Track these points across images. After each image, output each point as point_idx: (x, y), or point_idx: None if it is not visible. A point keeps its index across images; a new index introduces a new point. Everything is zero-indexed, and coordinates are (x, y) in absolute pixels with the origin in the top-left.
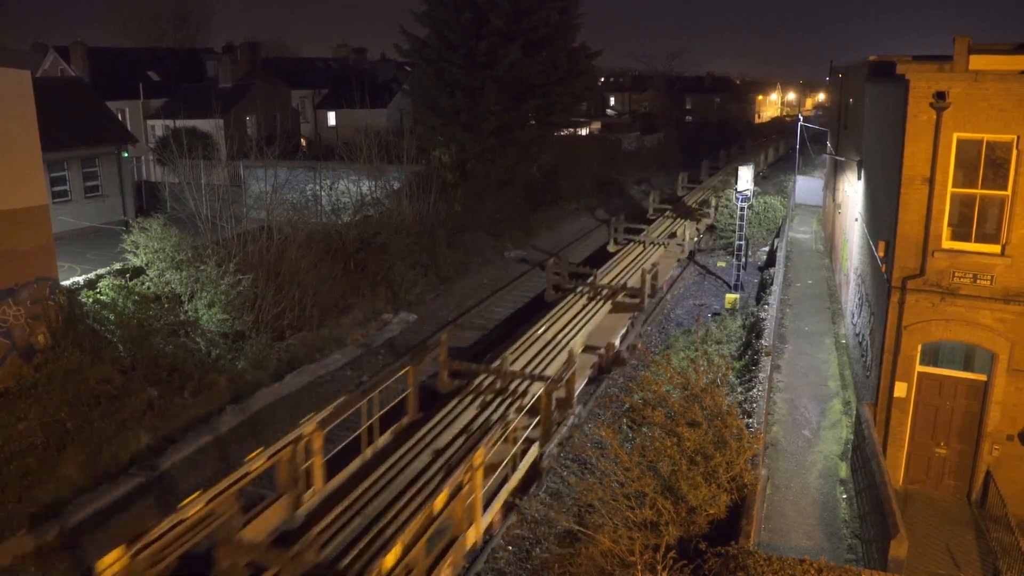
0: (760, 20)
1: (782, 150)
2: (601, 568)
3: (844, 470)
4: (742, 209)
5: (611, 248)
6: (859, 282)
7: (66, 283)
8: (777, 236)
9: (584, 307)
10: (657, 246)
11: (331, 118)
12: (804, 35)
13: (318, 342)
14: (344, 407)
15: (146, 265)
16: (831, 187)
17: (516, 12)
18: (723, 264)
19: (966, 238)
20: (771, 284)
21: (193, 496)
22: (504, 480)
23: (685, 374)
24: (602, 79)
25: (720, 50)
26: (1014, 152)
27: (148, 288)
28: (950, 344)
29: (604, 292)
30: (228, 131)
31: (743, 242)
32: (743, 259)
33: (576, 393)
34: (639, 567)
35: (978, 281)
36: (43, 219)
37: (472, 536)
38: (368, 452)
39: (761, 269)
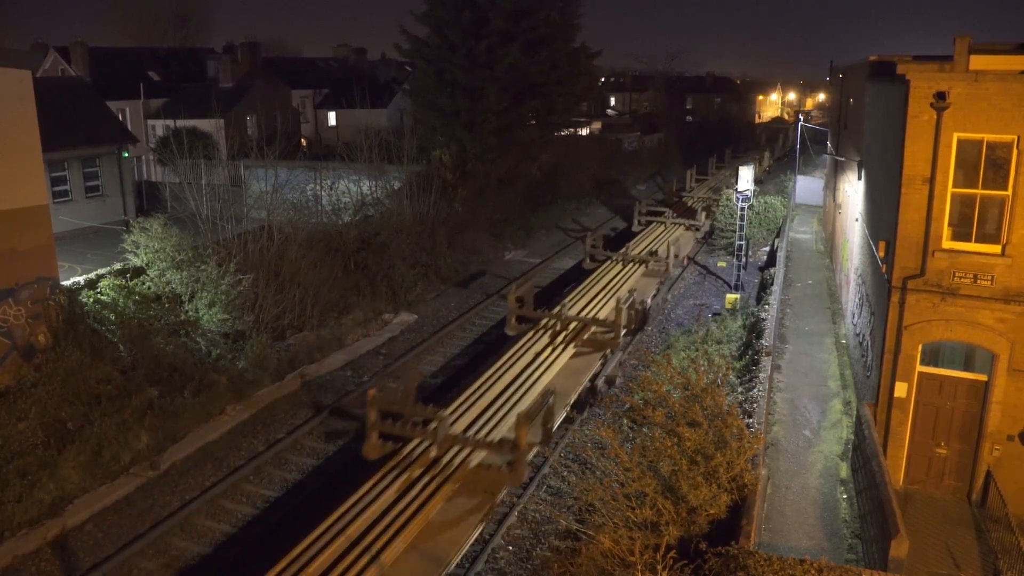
0: (760, 20)
1: (767, 163)
2: (601, 568)
3: (844, 470)
4: (742, 209)
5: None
6: (859, 282)
7: (66, 283)
8: (777, 236)
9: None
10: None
11: (331, 118)
12: (804, 35)
13: (318, 342)
14: None
15: (146, 265)
16: (831, 187)
17: (516, 12)
18: (723, 264)
19: (966, 238)
20: (771, 284)
21: None
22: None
23: (685, 374)
24: (602, 79)
25: (720, 50)
26: (1014, 152)
27: (149, 288)
28: (950, 344)
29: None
30: (228, 131)
31: (743, 242)
32: (743, 259)
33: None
34: (639, 567)
35: (978, 281)
36: (43, 219)
37: None
38: None
39: (761, 269)
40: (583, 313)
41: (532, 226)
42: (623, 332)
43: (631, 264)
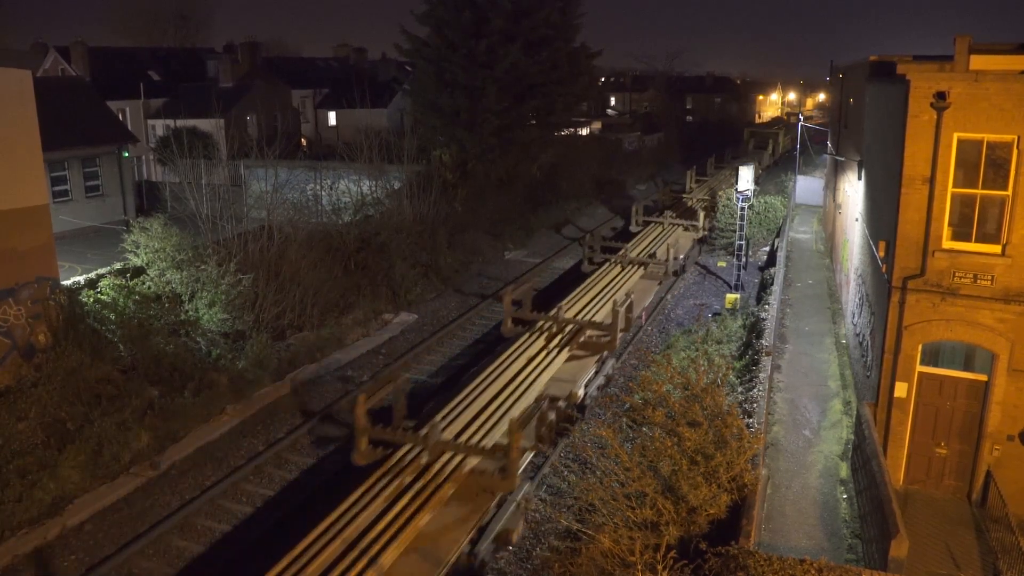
0: (760, 20)
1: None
2: (602, 568)
3: (844, 470)
4: (742, 209)
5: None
6: (859, 282)
7: (67, 283)
8: (777, 236)
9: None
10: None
11: (332, 118)
12: (804, 35)
13: (318, 342)
14: None
15: (147, 265)
16: (831, 187)
17: (516, 12)
18: (723, 264)
19: (966, 238)
20: (771, 284)
21: None
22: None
23: (685, 374)
24: (602, 79)
25: (720, 50)
26: (1014, 152)
27: (149, 288)
28: (950, 344)
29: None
30: (228, 131)
31: (743, 242)
32: (743, 259)
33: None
34: (639, 567)
35: (978, 281)
36: (43, 219)
37: None
38: None
39: (761, 269)
40: (468, 434)
41: (532, 226)
42: (527, 458)
43: (564, 333)
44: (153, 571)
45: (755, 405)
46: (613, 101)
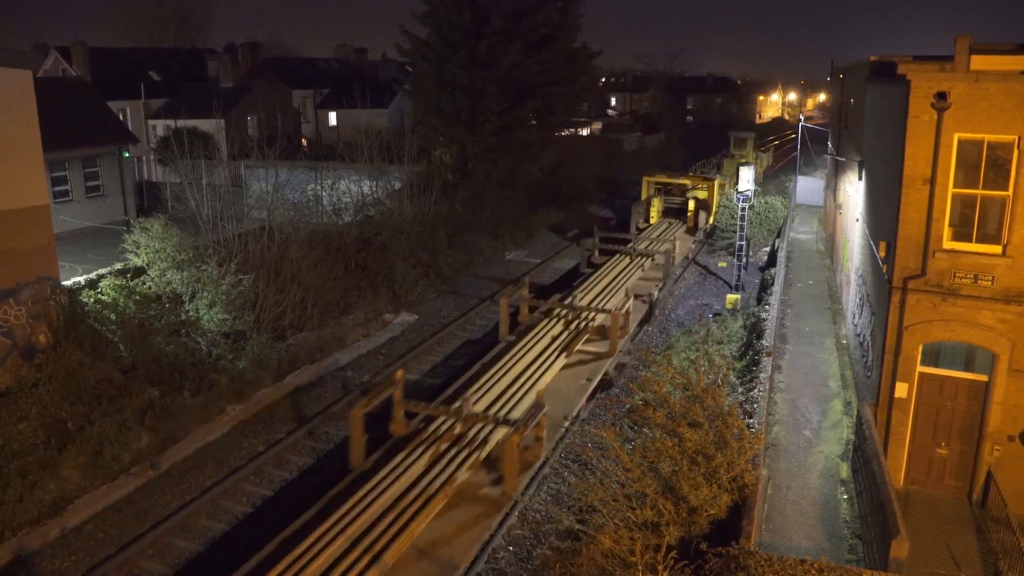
0: (760, 20)
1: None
2: (602, 568)
3: (845, 470)
4: (743, 209)
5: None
6: (860, 282)
7: (67, 283)
8: (778, 236)
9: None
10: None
11: (332, 118)
12: (804, 35)
13: (319, 342)
14: None
15: (147, 265)
16: (832, 187)
17: (517, 12)
18: (724, 264)
19: (967, 238)
20: (772, 284)
21: None
22: None
23: (686, 374)
24: (603, 79)
25: (721, 50)
26: (1015, 152)
27: (149, 288)
28: (951, 344)
29: None
30: (229, 131)
31: (744, 242)
32: (744, 259)
33: None
34: (640, 567)
35: (979, 281)
36: (44, 219)
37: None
38: None
39: (762, 269)
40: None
41: (533, 226)
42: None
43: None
44: (153, 571)
45: (755, 405)
46: (613, 101)
